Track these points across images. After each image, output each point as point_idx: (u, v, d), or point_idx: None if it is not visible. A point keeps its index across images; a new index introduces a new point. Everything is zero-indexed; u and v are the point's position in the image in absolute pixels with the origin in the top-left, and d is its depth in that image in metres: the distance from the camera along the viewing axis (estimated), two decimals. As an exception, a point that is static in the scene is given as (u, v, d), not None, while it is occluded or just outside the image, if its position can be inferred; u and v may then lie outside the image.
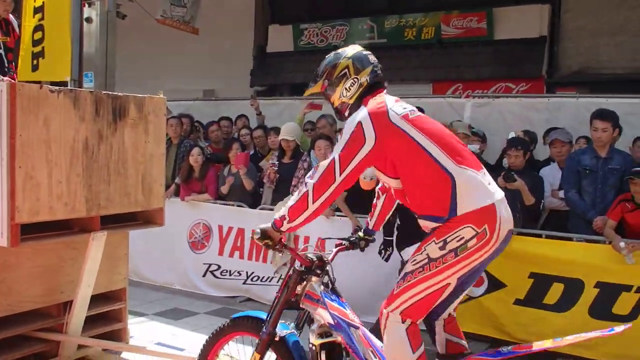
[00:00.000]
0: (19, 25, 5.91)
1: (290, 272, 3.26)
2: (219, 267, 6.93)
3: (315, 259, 3.22)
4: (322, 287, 3.18)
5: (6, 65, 5.52)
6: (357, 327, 3.08)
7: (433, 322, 3.07)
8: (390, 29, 12.56)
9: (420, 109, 3.40)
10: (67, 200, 3.86)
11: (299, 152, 6.91)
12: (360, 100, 3.03)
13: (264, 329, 3.25)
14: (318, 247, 4.40)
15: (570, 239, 5.30)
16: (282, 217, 3.00)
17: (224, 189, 7.10)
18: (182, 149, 7.63)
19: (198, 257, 7.08)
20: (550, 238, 5.30)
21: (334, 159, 2.88)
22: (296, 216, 2.94)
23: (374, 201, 3.55)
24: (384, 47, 12.05)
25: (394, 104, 2.96)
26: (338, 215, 6.08)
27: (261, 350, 3.25)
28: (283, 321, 3.29)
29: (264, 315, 3.34)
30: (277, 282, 6.51)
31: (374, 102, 2.95)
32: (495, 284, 5.27)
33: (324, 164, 2.91)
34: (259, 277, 6.67)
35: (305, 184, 2.94)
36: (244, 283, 6.75)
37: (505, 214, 2.81)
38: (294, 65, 13.26)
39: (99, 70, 8.45)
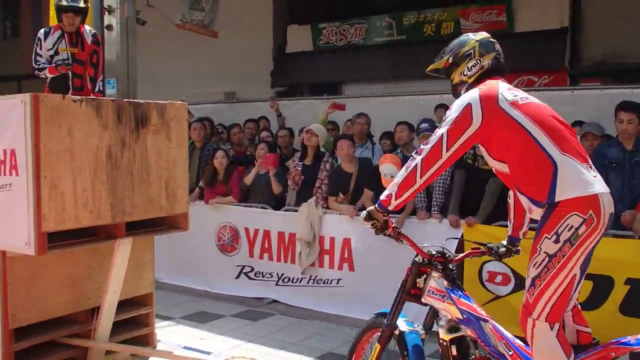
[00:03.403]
0: (96, 37, 5.89)
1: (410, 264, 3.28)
2: (252, 268, 6.95)
3: (435, 252, 3.22)
4: (445, 282, 3.17)
5: (70, 79, 5.53)
6: (486, 321, 3.07)
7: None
8: (409, 25, 12.46)
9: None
10: (92, 208, 3.88)
11: (320, 154, 6.90)
12: (477, 82, 3.14)
13: (385, 321, 3.29)
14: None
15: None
16: (389, 196, 3.06)
17: (248, 180, 7.11)
18: (206, 152, 7.66)
19: (229, 260, 7.10)
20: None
21: (442, 135, 2.97)
22: (403, 192, 3.02)
23: (508, 200, 3.43)
24: (404, 43, 11.97)
25: (506, 90, 3.03)
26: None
27: (382, 342, 3.30)
28: (410, 320, 3.33)
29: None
30: (307, 283, 6.55)
31: (486, 86, 3.05)
32: (522, 282, 5.17)
33: (433, 139, 2.99)
34: (289, 279, 6.68)
35: (413, 159, 3.01)
36: (276, 284, 6.78)
37: (607, 201, 2.83)
38: (313, 64, 13.25)
39: (121, 76, 8.52)
